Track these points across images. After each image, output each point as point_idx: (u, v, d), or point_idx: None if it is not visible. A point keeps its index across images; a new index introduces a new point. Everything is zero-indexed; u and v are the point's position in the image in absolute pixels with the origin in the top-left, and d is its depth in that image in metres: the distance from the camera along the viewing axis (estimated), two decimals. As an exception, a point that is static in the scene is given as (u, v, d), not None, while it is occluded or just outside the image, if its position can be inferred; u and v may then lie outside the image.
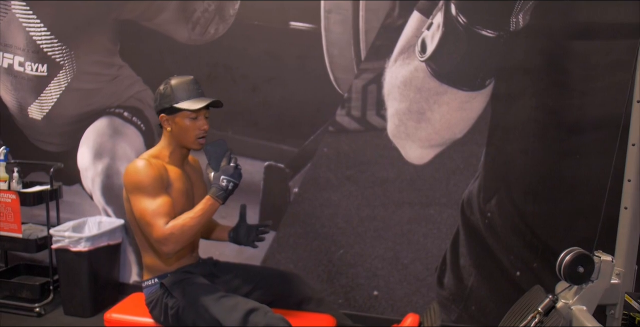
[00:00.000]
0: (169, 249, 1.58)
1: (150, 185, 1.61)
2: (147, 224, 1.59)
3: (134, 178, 1.62)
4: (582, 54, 2.13)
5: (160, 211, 1.59)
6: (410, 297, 2.42)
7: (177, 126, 1.68)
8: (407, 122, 2.32)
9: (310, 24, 2.36)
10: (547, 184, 2.22)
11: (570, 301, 1.56)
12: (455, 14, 2.20)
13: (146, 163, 1.63)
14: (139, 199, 1.61)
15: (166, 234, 1.56)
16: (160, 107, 1.68)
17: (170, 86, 1.67)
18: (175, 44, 2.51)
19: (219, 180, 1.61)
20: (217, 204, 1.62)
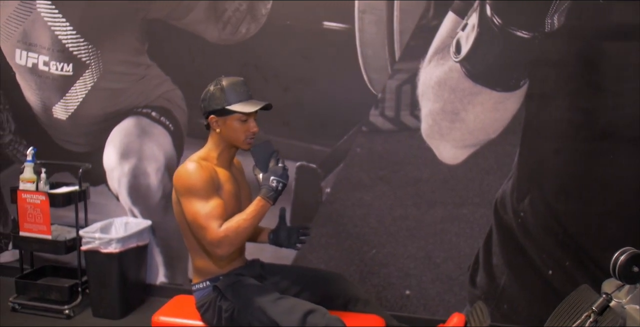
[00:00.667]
0: (223, 251, 1.57)
1: (202, 188, 1.60)
2: (201, 227, 1.58)
3: (185, 181, 1.61)
4: (615, 54, 2.15)
5: (214, 214, 1.59)
6: (443, 296, 2.44)
7: (227, 128, 1.68)
8: (441, 122, 2.33)
9: (344, 24, 2.36)
10: (579, 184, 2.25)
11: (624, 300, 1.58)
12: (490, 15, 2.21)
13: (197, 165, 1.63)
14: (192, 202, 1.60)
15: (220, 236, 1.56)
16: (210, 109, 1.67)
17: (222, 87, 1.66)
18: (205, 44, 2.50)
19: (268, 181, 1.62)
20: (269, 204, 1.62)
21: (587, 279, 2.27)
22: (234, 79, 1.71)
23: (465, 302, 2.42)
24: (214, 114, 1.68)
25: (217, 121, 1.68)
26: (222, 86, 1.67)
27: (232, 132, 1.68)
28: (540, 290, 2.33)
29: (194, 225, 1.61)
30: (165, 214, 2.66)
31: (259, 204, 1.61)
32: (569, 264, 2.29)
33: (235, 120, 1.67)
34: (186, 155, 2.59)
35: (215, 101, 1.66)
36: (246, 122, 1.68)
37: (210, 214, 1.58)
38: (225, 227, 1.58)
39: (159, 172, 2.63)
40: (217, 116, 1.68)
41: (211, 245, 1.58)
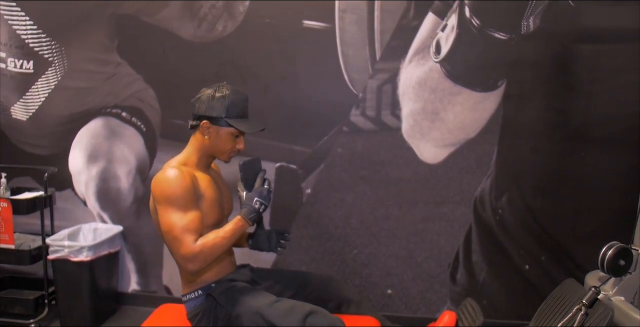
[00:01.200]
0: (195, 266, 1.52)
1: (182, 197, 1.53)
2: (175, 239, 1.51)
3: (164, 189, 1.53)
4: (587, 56, 2.24)
5: (190, 227, 1.52)
6: (424, 295, 2.46)
7: (217, 138, 1.62)
8: (422, 122, 2.35)
9: (324, 23, 2.33)
10: (554, 181, 2.32)
11: (610, 292, 1.64)
12: (469, 16, 2.25)
13: (178, 173, 1.55)
14: (169, 212, 1.53)
15: (195, 252, 1.50)
16: (206, 113, 1.60)
17: (226, 97, 1.60)
18: (179, 41, 2.41)
19: (252, 201, 1.58)
20: (248, 225, 1.58)
21: (562, 273, 2.36)
22: (240, 92, 1.64)
23: (446, 299, 2.45)
24: (208, 120, 1.61)
25: (209, 128, 1.62)
26: (226, 95, 1.60)
27: (221, 144, 1.63)
28: (517, 285, 2.39)
29: (168, 236, 1.53)
30: (137, 218, 2.55)
31: (238, 223, 1.57)
32: (544, 259, 2.37)
33: (228, 133, 1.62)
34: (159, 157, 2.50)
35: (215, 108, 1.59)
36: (237, 138, 1.64)
37: (186, 227, 1.51)
38: (202, 242, 1.51)
39: (130, 175, 2.52)
40: (210, 123, 1.61)
41: (184, 259, 1.51)
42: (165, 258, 2.57)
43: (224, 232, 1.55)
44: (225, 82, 1.67)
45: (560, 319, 1.71)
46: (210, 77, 2.42)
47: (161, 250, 2.57)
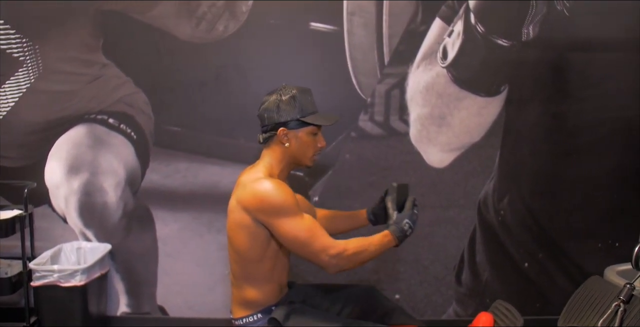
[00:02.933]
0: (340, 264, 1.43)
1: (293, 203, 1.45)
2: (309, 240, 1.42)
3: (274, 200, 1.43)
4: (579, 64, 2.37)
5: (317, 226, 1.45)
6: (430, 297, 2.49)
7: (299, 142, 1.52)
8: (429, 126, 2.36)
9: (332, 26, 2.27)
10: (550, 182, 2.44)
11: None
12: (474, 23, 2.29)
13: (276, 182, 1.46)
14: (286, 222, 1.43)
15: (340, 247, 1.42)
16: (281, 120, 1.49)
17: (295, 97, 1.50)
18: (175, 41, 2.23)
19: (401, 222, 1.54)
20: (393, 243, 1.52)
21: (557, 269, 2.49)
22: (304, 88, 1.55)
23: (452, 301, 2.49)
24: (284, 126, 1.49)
25: (287, 134, 1.51)
26: (294, 95, 1.50)
27: (304, 147, 1.53)
28: (517, 282, 2.48)
29: (298, 242, 1.43)
30: (127, 234, 2.32)
31: (386, 237, 1.51)
32: (541, 256, 2.48)
33: (308, 133, 1.53)
34: (153, 167, 2.30)
35: (288, 112, 1.49)
36: (316, 135, 1.55)
37: (313, 226, 1.44)
38: (344, 242, 1.44)
39: (119, 188, 2.29)
40: (288, 129, 1.50)
41: (329, 256, 1.41)
42: (160, 276, 2.37)
43: (371, 239, 1.49)
44: (284, 83, 1.57)
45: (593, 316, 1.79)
46: (210, 80, 2.27)
47: (155, 268, 2.37)
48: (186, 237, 2.36)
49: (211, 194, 2.34)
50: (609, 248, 2.48)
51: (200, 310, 2.39)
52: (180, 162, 2.31)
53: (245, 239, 1.48)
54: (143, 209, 2.32)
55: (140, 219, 2.32)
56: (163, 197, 2.33)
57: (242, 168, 1.80)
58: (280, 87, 1.55)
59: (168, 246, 2.36)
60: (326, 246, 1.41)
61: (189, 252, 2.37)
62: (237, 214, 1.47)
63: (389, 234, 1.51)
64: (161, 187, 2.32)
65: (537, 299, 2.50)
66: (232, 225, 1.49)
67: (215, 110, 2.29)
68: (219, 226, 2.36)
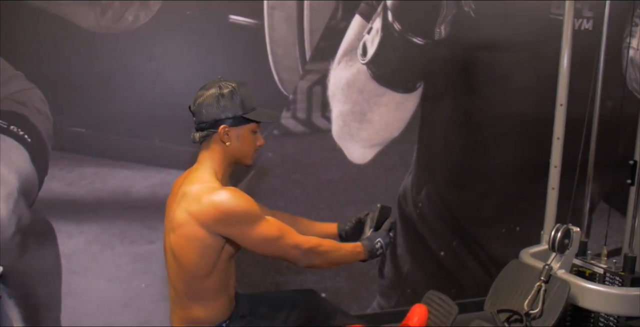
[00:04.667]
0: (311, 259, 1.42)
1: (256, 208, 1.38)
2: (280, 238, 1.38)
3: (237, 211, 1.34)
4: (484, 63, 2.53)
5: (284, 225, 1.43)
6: (356, 293, 2.51)
7: (240, 140, 1.42)
8: (351, 123, 2.37)
9: (252, 20, 2.17)
10: (461, 174, 2.59)
11: (556, 266, 1.91)
12: (391, 21, 2.34)
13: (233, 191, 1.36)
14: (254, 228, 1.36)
15: (313, 242, 1.42)
16: (222, 116, 1.37)
17: (235, 92, 1.39)
18: (77, 31, 1.97)
19: (374, 240, 1.55)
20: (362, 258, 1.51)
21: (469, 255, 2.65)
22: (242, 81, 1.44)
23: (376, 294, 2.54)
24: (225, 123, 1.37)
25: (228, 132, 1.38)
26: (234, 89, 1.39)
27: (245, 145, 1.43)
28: (435, 270, 2.60)
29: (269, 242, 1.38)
30: (22, 253, 2.01)
31: (357, 248, 1.50)
32: (455, 244, 2.63)
33: (249, 131, 1.43)
34: (53, 174, 2.03)
35: (229, 107, 1.38)
36: (256, 133, 1.46)
37: (283, 225, 1.41)
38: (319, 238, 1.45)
39: (11, 200, 1.97)
40: (229, 126, 1.38)
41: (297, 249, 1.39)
42: (64, 297, 2.10)
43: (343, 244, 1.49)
44: (219, 76, 1.45)
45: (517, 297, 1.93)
46: (119, 75, 2.05)
47: (58, 288, 2.09)
48: (95, 250, 2.11)
49: (123, 202, 2.12)
50: (511, 232, 2.70)
51: (114, 330, 2.16)
52: (86, 167, 2.06)
53: (195, 254, 1.35)
54: (41, 222, 2.03)
55: (38, 235, 2.03)
56: (66, 208, 2.05)
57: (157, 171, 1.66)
58: (217, 80, 1.44)
59: (73, 262, 2.09)
60: (297, 242, 1.39)
61: (98, 268, 2.13)
62: (189, 228, 1.33)
63: (360, 245, 1.50)
64: (63, 197, 2.04)
65: (452, 285, 2.64)
66: (181, 240, 1.35)
67: (125, 109, 2.07)
68: (132, 236, 2.14)
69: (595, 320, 2.04)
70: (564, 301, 1.80)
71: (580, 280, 1.87)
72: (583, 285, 1.84)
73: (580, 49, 2.12)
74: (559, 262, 1.93)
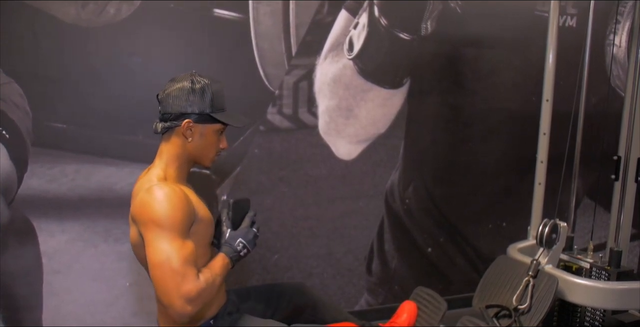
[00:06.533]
0: (196, 308, 1.24)
1: (180, 221, 1.26)
2: (176, 274, 1.21)
3: (156, 212, 1.25)
4: (471, 59, 2.53)
5: (191, 259, 1.26)
6: (343, 289, 2.49)
7: (202, 139, 1.38)
8: (337, 118, 2.35)
9: (237, 13, 2.14)
10: (449, 170, 2.59)
11: (543, 261, 1.92)
12: (377, 16, 2.32)
13: (171, 191, 1.27)
14: (162, 240, 1.23)
15: (200, 288, 1.23)
16: (188, 110, 1.33)
17: (207, 89, 1.35)
18: (57, 24, 1.92)
19: (234, 241, 1.39)
20: (230, 265, 1.38)
21: (456, 251, 2.65)
22: (217, 79, 1.40)
23: (364, 291, 2.52)
24: (190, 118, 1.33)
25: (192, 128, 1.35)
26: (207, 86, 1.35)
27: (207, 145, 1.39)
28: (422, 266, 2.60)
29: (162, 270, 1.22)
30: (1, 253, 1.96)
31: (224, 261, 1.35)
32: (442, 240, 2.62)
33: (214, 131, 1.39)
34: (33, 171, 1.98)
35: (197, 103, 1.34)
36: (221, 135, 1.42)
37: (188, 259, 1.24)
38: (204, 278, 1.26)
39: (-11, 197, 1.92)
40: (194, 122, 1.34)
41: (186, 299, 1.21)
42: (46, 297, 2.05)
43: (216, 268, 1.32)
44: (193, 70, 1.41)
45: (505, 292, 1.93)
46: (101, 69, 2.00)
47: (39, 288, 2.04)
48: (77, 249, 2.07)
49: (106, 199, 2.07)
50: (498, 228, 2.71)
51: (98, 330, 2.12)
52: (68, 163, 2.01)
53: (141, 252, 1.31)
54: (21, 220, 1.98)
55: (18, 233, 1.98)
56: (47, 205, 2.00)
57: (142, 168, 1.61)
58: (191, 74, 1.40)
59: (55, 261, 2.04)
60: (190, 290, 1.21)
61: (81, 267, 2.08)
62: (132, 229, 1.32)
63: (225, 256, 1.36)
64: (44, 194, 1.99)
65: (440, 281, 2.64)
66: (132, 239, 1.33)
67: (107, 104, 2.02)
68: (117, 233, 2.10)
69: (581, 314, 2.05)
70: (552, 295, 1.80)
71: (568, 275, 1.87)
72: (570, 279, 1.84)
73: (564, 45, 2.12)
74: (546, 257, 1.94)
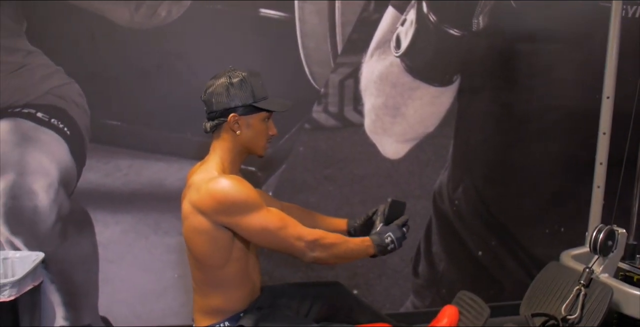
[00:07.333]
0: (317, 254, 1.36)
1: (255, 197, 1.35)
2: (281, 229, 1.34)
3: (235, 198, 1.33)
4: (527, 54, 2.41)
5: (284, 216, 1.37)
6: (389, 291, 2.45)
7: (251, 129, 1.42)
8: (384, 117, 2.32)
9: (283, 13, 2.16)
10: (501, 170, 2.48)
11: (598, 270, 1.79)
12: (426, 12, 2.27)
13: (235, 178, 1.36)
14: (253, 217, 1.34)
15: (318, 235, 1.36)
16: (231, 105, 1.38)
17: (245, 80, 1.39)
18: (112, 27, 2.03)
19: (384, 234, 1.47)
20: (372, 252, 1.45)
21: (509, 255, 2.54)
22: (253, 70, 1.44)
23: (410, 293, 2.47)
24: (235, 111, 1.37)
25: (238, 121, 1.39)
26: (244, 79, 1.39)
27: (257, 135, 1.43)
28: (472, 270, 2.51)
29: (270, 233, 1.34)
30: (62, 241, 2.10)
31: (365, 242, 1.44)
32: (494, 244, 2.52)
33: (260, 120, 1.43)
34: (90, 166, 2.10)
35: (239, 96, 1.38)
36: (268, 122, 1.45)
37: (285, 216, 1.37)
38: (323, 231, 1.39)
39: (52, 189, 2.06)
40: (239, 115, 1.37)
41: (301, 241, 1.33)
42: (101, 284, 2.17)
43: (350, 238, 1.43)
44: (230, 66, 1.45)
45: (555, 301, 1.82)
46: (152, 69, 2.10)
47: (95, 276, 2.16)
48: (130, 240, 2.18)
49: (156, 193, 2.17)
50: (555, 233, 2.56)
51: (148, 319, 2.21)
52: (121, 159, 2.12)
53: (205, 245, 1.35)
54: (80, 211, 2.11)
55: (77, 223, 2.11)
56: (102, 198, 2.12)
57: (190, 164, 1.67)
58: (228, 70, 1.44)
59: (109, 251, 2.16)
60: (301, 233, 1.34)
61: (133, 257, 2.19)
62: (194, 219, 1.35)
63: (368, 240, 1.43)
64: (100, 187, 2.11)
65: (491, 286, 2.54)
66: (189, 231, 1.36)
67: (158, 102, 2.12)
68: (166, 227, 2.19)
69: (643, 329, 1.90)
70: (605, 306, 1.68)
71: (625, 285, 1.74)
72: (628, 291, 1.71)
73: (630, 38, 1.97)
74: (601, 265, 1.82)
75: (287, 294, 1.61)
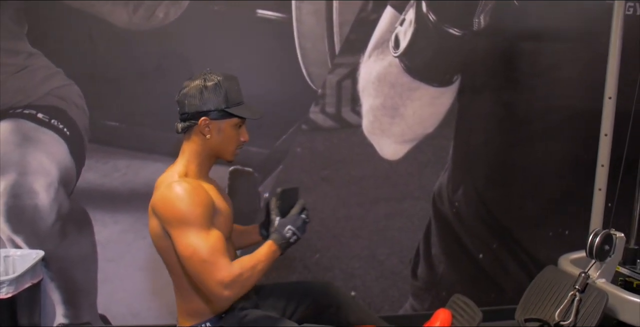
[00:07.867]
0: (234, 293, 1.29)
1: (201, 215, 1.30)
2: (206, 263, 1.27)
3: (177, 209, 1.30)
4: (530, 53, 2.37)
5: (219, 247, 1.30)
6: (387, 292, 2.44)
7: (221, 134, 1.41)
8: (382, 118, 2.30)
9: (280, 14, 2.16)
10: (502, 171, 2.44)
11: (595, 275, 1.75)
12: (425, 12, 2.24)
13: (189, 188, 1.32)
14: (188, 234, 1.29)
15: (235, 274, 1.28)
16: (203, 109, 1.37)
17: (220, 84, 1.38)
18: (110, 28, 2.05)
19: (283, 228, 1.41)
20: (279, 253, 1.40)
21: (511, 258, 2.50)
22: (230, 75, 1.43)
23: (408, 295, 2.45)
24: (206, 115, 1.37)
25: (209, 125, 1.39)
26: (219, 83, 1.38)
27: (226, 140, 1.42)
28: (472, 273, 2.48)
29: (193, 261, 1.28)
30: (62, 239, 2.14)
31: (271, 248, 1.38)
32: (495, 246, 2.48)
33: (232, 125, 1.42)
34: (89, 166, 2.13)
35: (212, 100, 1.37)
36: (240, 128, 1.44)
37: (215, 247, 1.29)
38: (239, 265, 1.30)
39: (52, 189, 2.10)
40: (210, 119, 1.38)
41: (221, 284, 1.27)
42: (100, 282, 2.20)
43: (260, 255, 1.35)
44: (208, 69, 1.45)
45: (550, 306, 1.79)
46: (150, 71, 2.12)
47: (94, 274, 2.20)
48: (128, 240, 2.20)
49: (154, 193, 2.19)
50: (558, 236, 2.52)
51: (146, 317, 2.24)
52: (120, 159, 2.15)
53: (165, 250, 1.37)
54: (79, 211, 2.15)
55: (76, 222, 2.14)
56: (101, 198, 2.16)
57: None
58: (204, 72, 1.43)
59: (108, 250, 2.19)
60: (223, 276, 1.26)
61: (131, 256, 2.22)
62: (152, 221, 1.36)
63: (273, 244, 1.38)
64: (99, 187, 2.15)
65: (492, 290, 2.51)
66: (151, 234, 1.38)
67: (156, 103, 2.13)
68: (164, 226, 2.21)
69: (642, 335, 1.85)
70: (599, 312, 1.65)
71: (622, 291, 1.70)
72: (623, 297, 1.67)
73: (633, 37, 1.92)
74: (598, 270, 1.78)
75: (274, 294, 1.61)
